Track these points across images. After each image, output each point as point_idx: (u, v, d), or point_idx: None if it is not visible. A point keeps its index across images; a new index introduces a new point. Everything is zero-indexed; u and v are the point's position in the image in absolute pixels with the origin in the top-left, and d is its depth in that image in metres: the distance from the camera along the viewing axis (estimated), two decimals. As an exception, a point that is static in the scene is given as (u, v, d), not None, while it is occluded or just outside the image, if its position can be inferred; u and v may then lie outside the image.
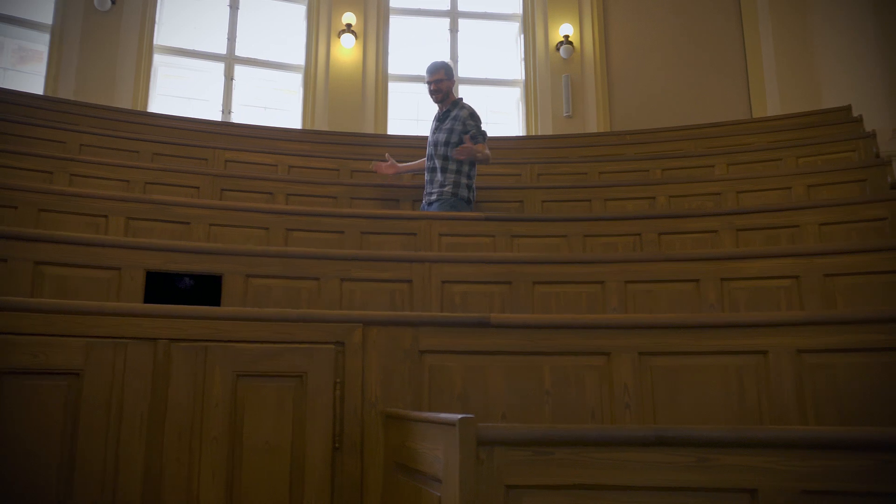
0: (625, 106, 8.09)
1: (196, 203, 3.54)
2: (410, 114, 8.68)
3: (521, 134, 8.16)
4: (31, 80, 7.16)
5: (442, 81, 4.44)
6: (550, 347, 2.17)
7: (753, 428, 1.75)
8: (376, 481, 2.06)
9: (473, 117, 4.39)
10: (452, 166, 4.31)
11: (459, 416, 1.41)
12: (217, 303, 2.79)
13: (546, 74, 8.18)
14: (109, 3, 7.11)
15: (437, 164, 4.36)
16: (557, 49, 8.15)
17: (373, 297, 2.92)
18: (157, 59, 7.63)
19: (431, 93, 4.50)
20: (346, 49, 7.96)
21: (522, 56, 8.52)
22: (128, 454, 1.91)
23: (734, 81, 8.05)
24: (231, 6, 8.13)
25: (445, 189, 4.29)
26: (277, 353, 2.08)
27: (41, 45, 7.25)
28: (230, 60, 7.99)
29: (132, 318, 1.97)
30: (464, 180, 4.34)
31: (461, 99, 4.55)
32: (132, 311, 1.99)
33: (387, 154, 4.82)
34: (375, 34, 8.14)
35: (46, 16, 7.28)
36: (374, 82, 8.03)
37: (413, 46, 8.67)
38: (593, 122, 7.96)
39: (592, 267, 3.02)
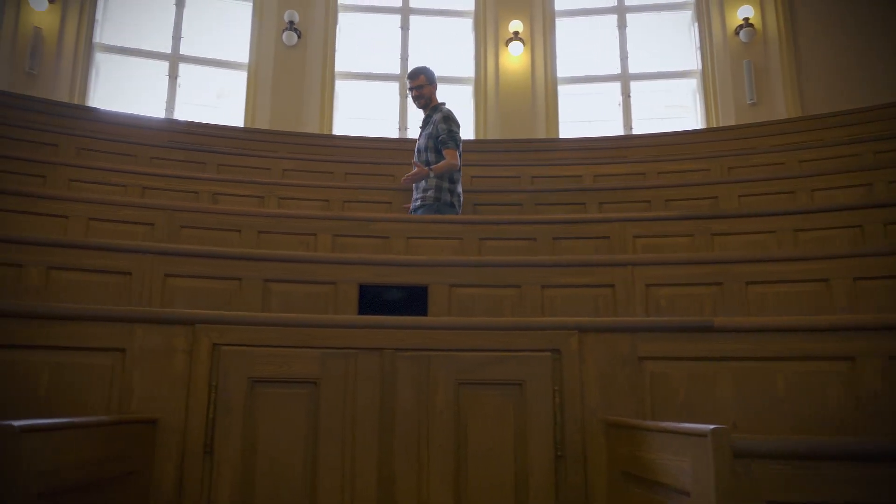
0: (816, 88, 7.44)
1: (394, 217, 3.70)
2: (581, 115, 8.57)
3: (699, 126, 7.76)
4: (229, 114, 7.89)
5: (423, 87, 4.45)
6: (783, 352, 2.01)
7: None
8: (601, 491, 2.01)
9: (446, 120, 4.34)
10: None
11: (711, 426, 1.33)
12: (424, 312, 2.88)
13: (725, 61, 7.73)
14: (296, 37, 7.68)
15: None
16: (737, 33, 7.67)
17: (574, 302, 2.88)
18: (338, 84, 8.12)
19: (414, 98, 4.51)
20: (515, 56, 8.00)
21: (698, 44, 8.11)
22: (363, 460, 2.01)
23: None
24: (402, 27, 8.47)
25: (428, 194, 4.25)
26: (495, 362, 2.10)
27: (239, 82, 7.98)
28: (404, 80, 8.31)
29: (361, 330, 2.08)
30: (446, 185, 4.28)
31: (443, 104, 4.53)
32: (360, 322, 2.10)
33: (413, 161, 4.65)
34: (542, 39, 8.13)
35: (243, 55, 8.01)
36: (543, 87, 8.00)
37: (581, 47, 8.55)
38: (781, 108, 7.39)
39: (813, 263, 2.78)
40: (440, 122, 4.34)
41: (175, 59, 7.97)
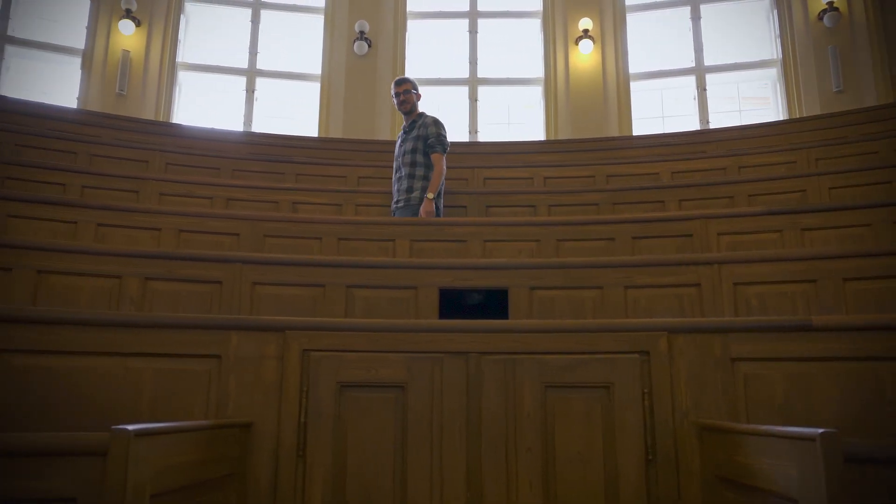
0: (910, 72, 7.04)
1: (469, 221, 3.71)
2: (654, 111, 8.38)
3: (780, 118, 7.46)
4: (304, 125, 8.08)
5: (409, 93, 4.66)
6: (889, 351, 1.91)
7: None
8: (694, 496, 1.96)
9: (436, 124, 4.58)
10: (419, 172, 4.46)
11: (820, 430, 1.28)
12: (505, 315, 2.88)
13: (808, 48, 7.42)
14: (367, 47, 7.81)
15: (405, 171, 4.50)
16: (820, 18, 7.35)
17: (658, 303, 2.82)
18: (409, 91, 8.21)
19: (400, 103, 4.68)
20: (585, 55, 7.91)
21: (777, 32, 7.82)
22: (451, 463, 2.02)
23: None
24: (470, 31, 8.50)
25: (413, 195, 4.40)
26: (582, 364, 2.08)
27: (312, 93, 8.17)
28: (473, 83, 8.34)
29: (446, 334, 2.09)
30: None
31: (424, 112, 4.73)
32: (446, 327, 2.11)
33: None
34: (613, 35, 8.00)
35: (316, 67, 8.20)
36: (615, 84, 7.87)
37: (653, 42, 8.37)
38: (871, 95, 7.03)
39: (917, 258, 2.63)
40: (431, 126, 4.56)
41: (252, 74, 8.23)
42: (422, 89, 8.37)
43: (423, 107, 4.75)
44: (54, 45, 7.77)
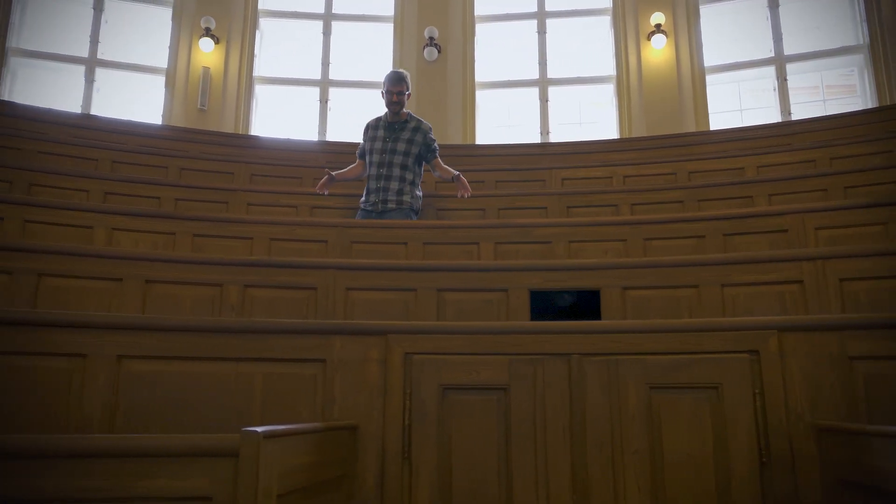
0: None
1: (554, 222, 3.69)
2: (731, 105, 8.15)
3: (869, 106, 7.12)
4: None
5: (403, 93, 4.56)
6: None
7: None
8: (814, 500, 1.89)
9: (430, 130, 4.62)
10: (409, 176, 4.46)
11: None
12: (597, 316, 2.84)
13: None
14: (436, 52, 7.87)
15: (396, 172, 4.44)
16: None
17: (758, 301, 2.73)
18: (479, 94, 8.22)
19: (393, 102, 4.54)
20: (657, 50, 7.76)
21: (864, 16, 7.50)
22: (555, 465, 2.01)
23: None
24: (539, 31, 8.46)
25: (404, 199, 4.41)
26: (687, 365, 2.03)
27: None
28: (543, 84, 8.29)
29: (548, 336, 2.08)
30: (418, 192, 4.55)
31: (411, 112, 4.68)
32: (547, 328, 2.10)
33: (326, 170, 4.66)
34: (686, 28, 7.82)
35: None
36: (689, 78, 7.69)
37: (729, 33, 8.14)
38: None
39: None
40: (429, 133, 4.59)
41: (325, 84, 8.41)
42: (493, 92, 8.48)
43: (494, 107, 4.78)
44: (140, 65, 8.14)
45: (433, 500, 2.01)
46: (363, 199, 4.53)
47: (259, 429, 1.39)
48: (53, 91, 7.96)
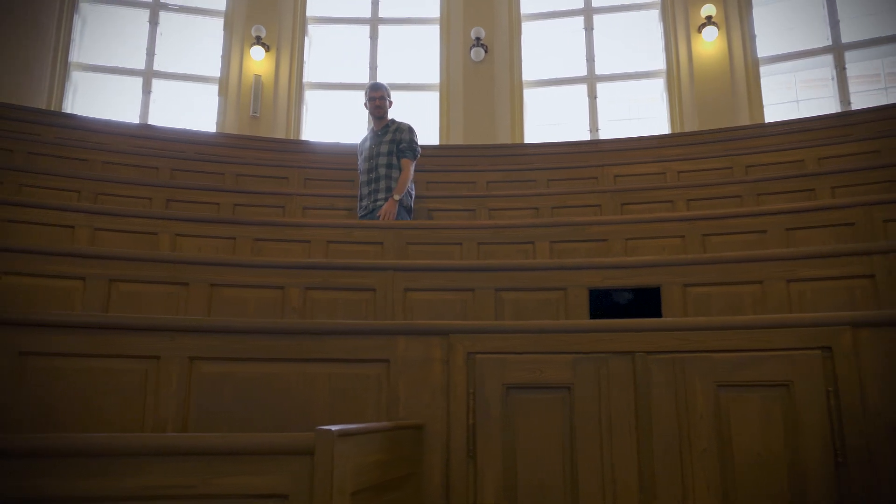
0: None
1: (609, 220, 3.65)
2: (787, 97, 7.94)
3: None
4: (424, 134, 8.23)
5: (384, 99, 4.78)
6: None
7: None
8: (894, 501, 1.83)
9: (410, 131, 4.74)
10: (395, 174, 4.58)
11: None
12: (658, 314, 2.81)
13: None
14: (483, 52, 7.88)
15: (382, 171, 4.59)
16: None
17: (826, 296, 2.66)
18: (526, 93, 8.19)
19: (375, 108, 4.75)
20: (708, 42, 7.61)
21: (926, 1, 7.19)
22: (622, 463, 2.00)
23: None
24: (586, 28, 8.38)
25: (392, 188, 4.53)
26: (756, 362, 2.00)
27: (431, 101, 8.33)
28: (591, 80, 8.21)
29: (611, 334, 2.07)
30: (410, 190, 4.63)
31: (395, 118, 4.82)
32: (610, 326, 2.09)
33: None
34: (738, 19, 7.65)
35: (433, 76, 8.36)
36: (742, 71, 7.53)
37: (783, 22, 7.93)
38: None
39: None
40: (406, 133, 4.71)
41: (373, 88, 8.48)
42: (540, 90, 8.44)
43: (542, 106, 4.75)
44: (193, 75, 8.35)
45: (499, 497, 2.02)
46: (358, 207, 4.69)
47: (333, 427, 1.41)
48: (112, 102, 8.24)
